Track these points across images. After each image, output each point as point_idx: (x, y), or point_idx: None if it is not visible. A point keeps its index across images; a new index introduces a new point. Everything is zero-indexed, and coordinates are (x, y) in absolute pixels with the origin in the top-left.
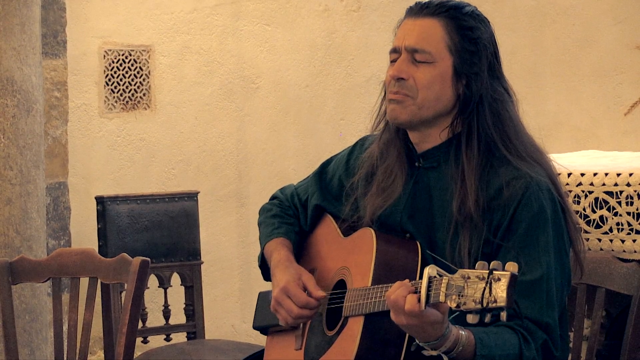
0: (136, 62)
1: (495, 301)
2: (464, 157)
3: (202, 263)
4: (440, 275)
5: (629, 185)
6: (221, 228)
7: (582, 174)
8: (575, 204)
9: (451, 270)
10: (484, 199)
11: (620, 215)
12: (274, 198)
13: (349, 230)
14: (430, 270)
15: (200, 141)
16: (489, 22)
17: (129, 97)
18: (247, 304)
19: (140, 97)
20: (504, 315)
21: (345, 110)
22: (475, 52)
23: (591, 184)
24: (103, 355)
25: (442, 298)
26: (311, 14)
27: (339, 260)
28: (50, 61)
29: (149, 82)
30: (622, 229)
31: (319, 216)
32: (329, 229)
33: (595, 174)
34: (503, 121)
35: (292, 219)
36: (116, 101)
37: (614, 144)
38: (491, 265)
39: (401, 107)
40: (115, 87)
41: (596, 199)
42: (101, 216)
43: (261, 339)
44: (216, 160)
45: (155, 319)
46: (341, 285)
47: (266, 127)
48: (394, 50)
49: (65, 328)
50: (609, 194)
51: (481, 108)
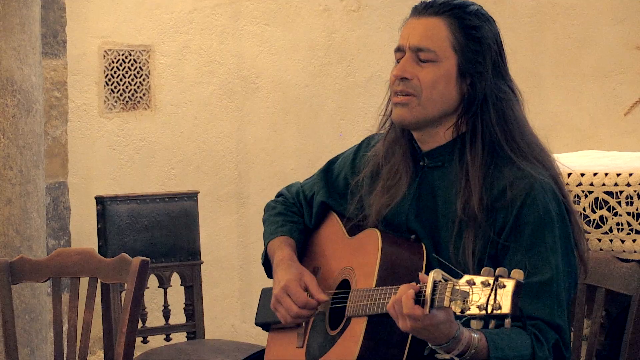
0: (136, 62)
1: (499, 308)
2: (468, 157)
3: (202, 263)
4: (445, 280)
5: (628, 185)
6: (221, 228)
7: (582, 174)
8: (575, 204)
9: (457, 276)
10: (488, 199)
11: (620, 215)
12: (279, 195)
13: (354, 230)
14: (435, 275)
15: (200, 141)
16: (494, 21)
17: (128, 97)
18: (247, 303)
19: (140, 97)
20: (508, 322)
21: (345, 110)
22: (480, 51)
23: (591, 184)
24: (103, 355)
25: (446, 303)
26: (311, 14)
27: (343, 260)
28: (50, 61)
29: (148, 82)
30: (622, 229)
31: (324, 214)
32: (334, 228)
33: (595, 174)
34: (507, 121)
35: (296, 216)
36: (116, 101)
37: (614, 144)
38: (497, 271)
39: (406, 110)
40: (115, 87)
41: (596, 199)
42: (101, 216)
43: (261, 339)
44: (216, 160)
45: (155, 318)
46: (345, 285)
47: (266, 127)
48: (398, 49)
49: (65, 328)
50: (609, 194)
51: (485, 107)
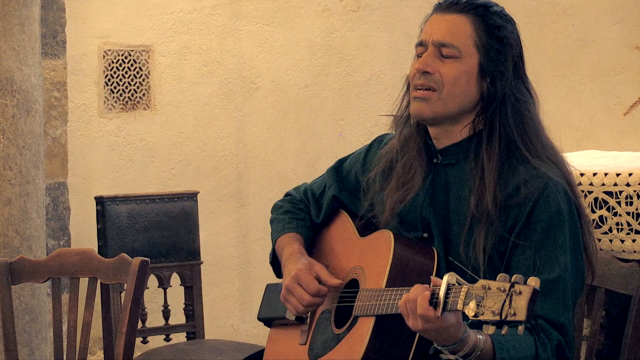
0: (136, 62)
1: (514, 314)
2: (484, 154)
3: (202, 263)
4: (459, 284)
5: (628, 185)
6: (221, 228)
7: (582, 174)
8: None
9: (472, 280)
10: (502, 197)
11: (620, 215)
12: (287, 195)
13: (365, 229)
14: (449, 278)
15: (199, 141)
16: (516, 23)
17: (128, 97)
18: (247, 304)
19: (140, 97)
20: (521, 329)
21: (345, 110)
22: (502, 50)
23: (591, 184)
24: (103, 356)
25: (459, 306)
26: (311, 14)
27: (353, 260)
28: (49, 61)
29: (148, 82)
30: (622, 229)
31: (334, 211)
32: (344, 226)
33: (594, 174)
34: (524, 121)
35: (303, 214)
36: (116, 101)
37: (614, 143)
38: (513, 278)
39: (426, 104)
40: (115, 87)
41: (595, 199)
42: (101, 216)
43: (261, 339)
44: (216, 160)
45: (154, 319)
46: (353, 284)
47: (266, 127)
48: (420, 44)
49: (64, 328)
50: (609, 194)
51: (504, 107)
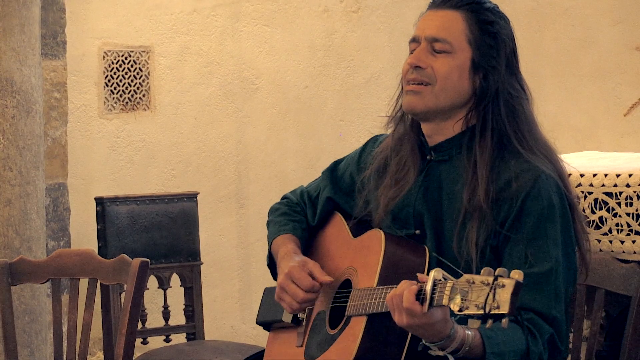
0: (136, 63)
1: (497, 307)
2: (476, 149)
3: (202, 264)
4: (445, 279)
5: (628, 186)
6: (221, 229)
7: (582, 175)
8: None
9: (458, 275)
10: (494, 190)
11: (620, 216)
12: (284, 198)
13: (358, 229)
14: (435, 273)
15: (199, 142)
16: (509, 21)
17: (128, 98)
18: (247, 304)
19: (140, 98)
20: (505, 322)
21: (345, 111)
22: (494, 46)
23: (591, 185)
24: (102, 356)
25: (445, 301)
26: (310, 15)
27: (346, 260)
28: (49, 62)
29: (148, 83)
30: (622, 230)
31: (329, 212)
32: (338, 227)
33: (594, 175)
34: (517, 116)
35: (299, 215)
36: (116, 102)
37: (614, 144)
38: (497, 271)
39: (418, 98)
40: (115, 88)
41: (595, 199)
42: (101, 217)
43: (261, 340)
44: (216, 161)
45: (154, 319)
46: (347, 284)
47: (266, 128)
48: (414, 40)
49: (64, 329)
50: (609, 194)
51: (496, 102)
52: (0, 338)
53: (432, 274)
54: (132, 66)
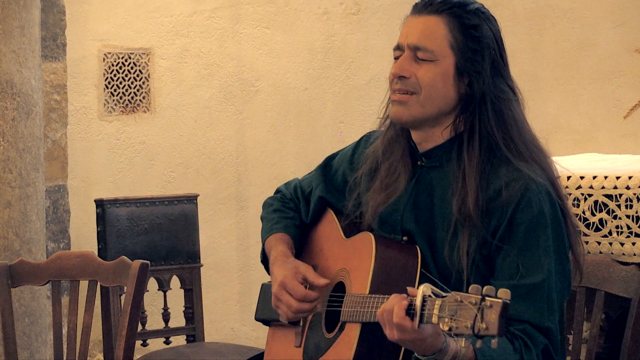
0: (136, 65)
1: (486, 329)
2: (465, 156)
3: (202, 266)
4: (434, 295)
5: (628, 188)
6: (221, 231)
7: (582, 177)
8: (574, 207)
9: (446, 289)
10: (484, 199)
11: (620, 218)
12: (278, 192)
13: (350, 230)
14: (425, 289)
15: (199, 144)
16: (495, 20)
17: (128, 100)
18: (247, 306)
19: (140, 100)
20: (495, 343)
21: (345, 113)
22: (478, 50)
23: (590, 187)
24: (102, 358)
25: (434, 319)
26: (310, 17)
27: (339, 261)
28: (49, 64)
29: (148, 85)
30: (622, 232)
31: (321, 210)
32: (330, 226)
33: (594, 177)
34: (506, 120)
35: (292, 212)
36: (116, 104)
37: (614, 147)
38: (484, 290)
39: (404, 108)
40: (115, 90)
41: (595, 202)
42: (101, 219)
43: (261, 342)
44: (216, 163)
45: (154, 321)
46: (341, 287)
47: (266, 130)
48: (397, 48)
49: (64, 331)
50: (609, 197)
51: (484, 107)
52: (0, 340)
53: (421, 289)
54: (132, 68)
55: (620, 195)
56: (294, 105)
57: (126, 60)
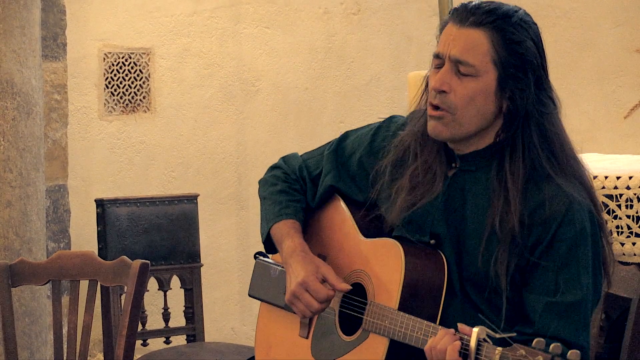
0: (136, 64)
1: None
2: (507, 173)
3: (202, 266)
4: (489, 338)
5: (628, 188)
6: (221, 231)
7: (592, 181)
8: None
9: (495, 329)
10: (525, 215)
11: (620, 219)
12: (276, 167)
13: (368, 226)
14: (479, 332)
15: (200, 144)
16: (537, 26)
17: (128, 99)
18: (247, 306)
19: (140, 100)
20: None
21: (345, 113)
22: (521, 66)
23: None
24: (103, 358)
25: None
26: (311, 17)
27: (355, 261)
28: (50, 64)
29: (148, 84)
30: (622, 232)
31: (329, 196)
32: (342, 217)
33: (594, 177)
34: (548, 136)
35: (299, 194)
36: (116, 104)
37: (614, 147)
38: (551, 348)
39: (442, 125)
40: (115, 90)
41: None
42: (101, 219)
43: None
44: (216, 162)
45: (155, 321)
46: (357, 288)
47: (266, 130)
48: (438, 56)
49: (65, 331)
50: (609, 197)
51: (526, 124)
52: (1, 340)
53: (475, 332)
54: (132, 68)
55: (621, 195)
56: (294, 105)
57: (126, 60)
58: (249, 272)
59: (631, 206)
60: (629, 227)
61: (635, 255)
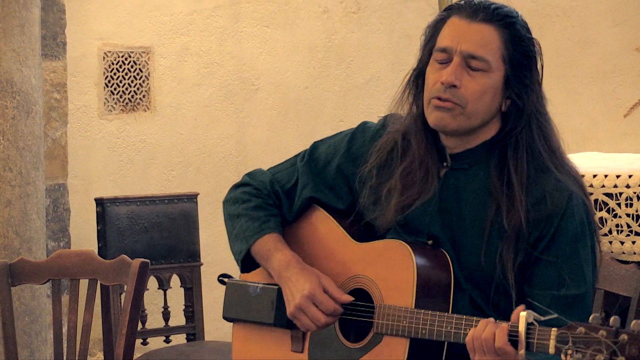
0: (136, 63)
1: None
2: (511, 171)
3: (202, 265)
4: (537, 322)
5: (628, 187)
6: (221, 230)
7: (582, 176)
8: None
9: (543, 312)
10: (528, 210)
11: (620, 217)
12: (242, 185)
13: (360, 232)
14: (527, 316)
15: (199, 143)
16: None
17: (128, 98)
18: None
19: (140, 99)
20: None
21: (345, 111)
22: (527, 64)
23: (591, 186)
24: (102, 357)
25: (551, 350)
26: (311, 16)
27: (352, 268)
28: (49, 63)
29: (148, 83)
30: (622, 231)
31: (307, 208)
32: (328, 226)
33: (594, 176)
34: (548, 134)
35: (275, 209)
36: (116, 103)
37: (614, 145)
38: (612, 321)
39: (450, 116)
40: (115, 89)
41: (596, 200)
42: (101, 218)
43: None
44: (216, 161)
45: (154, 320)
46: (357, 293)
47: (266, 129)
48: (444, 50)
49: (64, 330)
50: (609, 195)
51: (528, 121)
52: (0, 339)
53: (523, 316)
54: (132, 67)
55: (621, 194)
56: (294, 104)
57: (126, 59)
58: None
59: (631, 205)
60: (628, 226)
61: (635, 253)
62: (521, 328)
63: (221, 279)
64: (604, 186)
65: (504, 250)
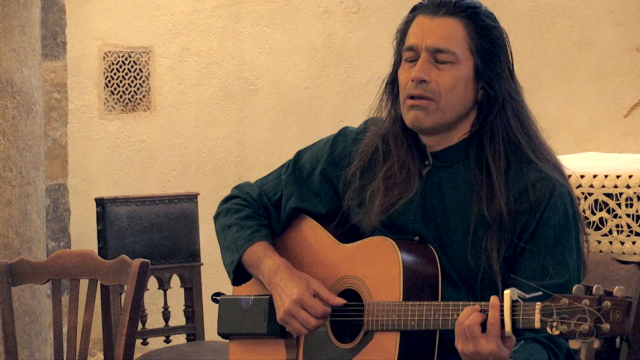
0: (136, 63)
1: (611, 330)
2: (489, 159)
3: (202, 265)
4: (521, 299)
5: (628, 187)
6: None
7: (582, 176)
8: None
9: (528, 289)
10: (511, 201)
11: (620, 217)
12: (233, 197)
13: (344, 234)
14: (511, 294)
15: (200, 143)
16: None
17: (128, 98)
18: None
19: (140, 99)
20: (618, 342)
21: (345, 112)
22: (495, 52)
23: (591, 186)
24: (103, 357)
25: (537, 324)
26: (311, 16)
27: (339, 269)
28: (50, 63)
29: (148, 83)
30: (622, 231)
31: (293, 218)
32: (314, 232)
33: (595, 176)
34: (524, 121)
35: (265, 220)
36: (116, 103)
37: (614, 145)
38: (594, 289)
39: (425, 113)
40: (115, 89)
41: (596, 200)
42: (101, 218)
43: None
44: (216, 161)
45: (154, 320)
46: (346, 294)
47: (266, 129)
48: (411, 49)
49: (64, 330)
50: (609, 195)
51: (503, 109)
52: (1, 339)
53: (507, 294)
54: (132, 67)
55: (621, 194)
56: (294, 104)
57: (126, 59)
58: None
59: (631, 205)
60: (628, 226)
61: (635, 254)
62: (506, 305)
63: (214, 297)
64: (604, 186)
65: (488, 240)
